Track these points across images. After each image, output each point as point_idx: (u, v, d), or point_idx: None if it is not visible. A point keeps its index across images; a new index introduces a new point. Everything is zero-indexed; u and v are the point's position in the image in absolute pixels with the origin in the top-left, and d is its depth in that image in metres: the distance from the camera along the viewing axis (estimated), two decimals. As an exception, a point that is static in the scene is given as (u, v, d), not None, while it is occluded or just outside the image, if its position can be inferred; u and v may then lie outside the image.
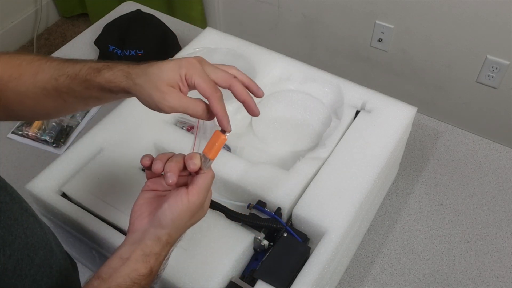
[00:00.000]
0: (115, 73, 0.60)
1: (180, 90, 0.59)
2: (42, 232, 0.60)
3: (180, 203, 0.57)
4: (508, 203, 1.01)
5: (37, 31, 2.64)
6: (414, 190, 1.04)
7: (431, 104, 2.01)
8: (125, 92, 0.60)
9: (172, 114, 0.91)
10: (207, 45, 1.05)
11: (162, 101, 0.57)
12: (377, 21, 1.89)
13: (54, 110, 0.67)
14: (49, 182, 0.82)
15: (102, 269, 0.56)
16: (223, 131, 0.61)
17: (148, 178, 0.62)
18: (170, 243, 0.58)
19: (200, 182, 0.58)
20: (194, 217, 0.59)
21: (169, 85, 0.58)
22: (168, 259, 0.60)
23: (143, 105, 0.67)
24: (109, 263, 0.57)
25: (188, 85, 0.60)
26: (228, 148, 0.91)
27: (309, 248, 0.76)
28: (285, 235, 0.76)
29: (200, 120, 0.61)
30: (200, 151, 0.61)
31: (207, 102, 0.60)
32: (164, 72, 0.59)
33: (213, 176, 0.60)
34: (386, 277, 0.91)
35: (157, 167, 0.58)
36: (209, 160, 0.60)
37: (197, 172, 0.59)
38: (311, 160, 0.85)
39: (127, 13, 1.32)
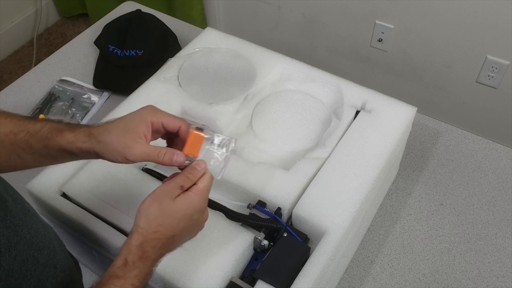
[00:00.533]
0: (77, 135, 0.63)
1: (146, 139, 0.64)
2: (45, 231, 0.60)
3: (149, 194, 0.62)
4: (508, 203, 1.01)
5: (37, 31, 2.64)
6: (414, 190, 1.04)
7: (431, 104, 2.01)
8: (87, 153, 0.63)
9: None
10: (207, 45, 1.05)
11: (128, 154, 0.62)
12: (377, 21, 1.89)
13: (5, 164, 0.65)
14: (49, 182, 0.82)
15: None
16: (200, 129, 0.66)
17: None
18: (139, 232, 0.59)
19: (181, 174, 0.63)
20: (157, 202, 0.61)
21: (134, 137, 0.62)
22: (152, 258, 0.60)
23: (143, 105, 0.68)
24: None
25: (155, 131, 0.65)
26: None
27: (309, 248, 0.76)
28: (285, 235, 0.76)
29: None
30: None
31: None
32: (128, 127, 0.63)
33: (198, 173, 0.63)
34: (386, 277, 0.91)
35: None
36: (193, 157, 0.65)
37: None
38: (311, 160, 0.85)
39: (127, 13, 1.32)
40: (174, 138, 0.68)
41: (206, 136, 0.66)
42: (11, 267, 0.51)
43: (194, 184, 0.63)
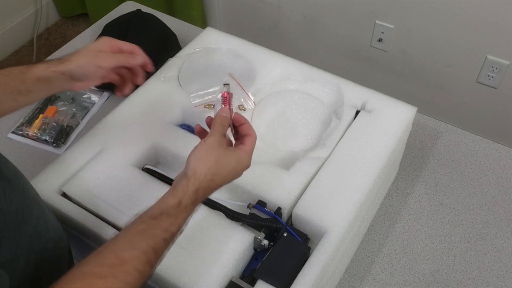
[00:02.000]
0: (49, 63, 0.74)
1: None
2: (35, 193, 0.65)
3: (199, 144, 0.64)
4: (508, 203, 1.01)
5: (37, 31, 2.64)
6: (414, 190, 1.04)
7: (431, 104, 2.01)
8: (61, 75, 0.74)
9: (174, 116, 0.91)
10: (207, 45, 1.05)
11: (99, 60, 0.75)
12: (377, 21, 1.89)
13: None
14: (49, 182, 0.82)
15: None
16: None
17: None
18: (196, 176, 0.61)
19: (212, 125, 0.66)
20: (216, 152, 0.63)
21: (100, 52, 0.77)
22: (198, 202, 0.63)
23: (143, 106, 0.69)
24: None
25: (113, 52, 0.79)
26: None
27: (309, 248, 0.76)
28: (285, 235, 0.76)
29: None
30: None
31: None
32: (92, 48, 0.77)
33: (223, 117, 0.67)
34: (386, 277, 0.91)
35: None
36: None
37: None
38: (311, 160, 0.85)
39: (127, 13, 1.32)
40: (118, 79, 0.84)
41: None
42: (8, 211, 0.54)
43: (242, 144, 0.67)
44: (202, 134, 0.70)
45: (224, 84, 0.70)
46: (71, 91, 0.78)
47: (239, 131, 0.70)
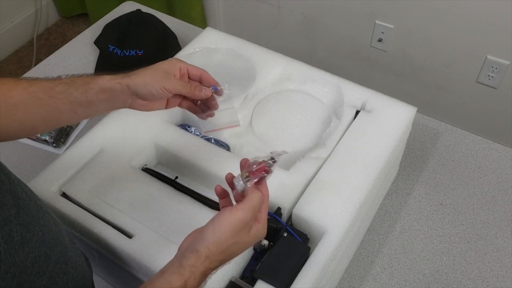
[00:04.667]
0: (114, 76, 0.70)
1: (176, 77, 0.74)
2: (57, 229, 0.60)
3: (222, 216, 0.58)
4: (508, 203, 1.01)
5: (37, 31, 2.64)
6: (414, 190, 1.04)
7: (431, 104, 2.01)
8: (126, 88, 0.69)
9: (174, 116, 0.91)
10: (207, 45, 1.05)
11: (166, 83, 0.70)
12: (377, 21, 1.89)
13: (42, 121, 0.68)
14: (49, 182, 0.82)
15: (144, 283, 0.57)
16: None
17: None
18: (209, 257, 0.57)
19: (247, 198, 0.60)
20: (238, 235, 0.59)
21: (168, 74, 0.72)
22: (206, 281, 0.59)
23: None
24: (151, 277, 0.58)
25: (181, 75, 0.75)
26: (227, 148, 0.91)
27: (309, 248, 0.76)
28: (285, 235, 0.76)
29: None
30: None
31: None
32: (160, 68, 0.72)
33: (261, 196, 0.61)
34: (386, 277, 0.91)
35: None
36: (248, 179, 0.61)
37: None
38: (311, 160, 0.85)
39: (127, 13, 1.32)
40: (194, 106, 0.79)
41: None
42: (24, 263, 0.51)
43: (259, 212, 0.62)
44: (223, 196, 0.64)
45: (273, 157, 0.63)
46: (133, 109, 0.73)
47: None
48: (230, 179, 0.63)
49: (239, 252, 0.61)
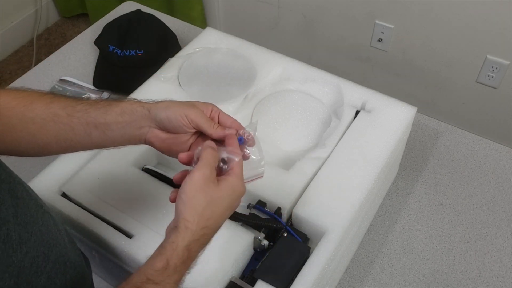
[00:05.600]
0: (137, 100, 0.65)
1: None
2: (56, 229, 0.60)
3: (183, 185, 0.56)
4: (508, 203, 1.01)
5: (37, 31, 2.64)
6: (414, 190, 1.04)
7: (431, 104, 2.01)
8: (147, 113, 0.63)
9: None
10: (207, 45, 1.05)
11: (189, 112, 0.62)
12: (377, 21, 1.89)
13: (55, 140, 0.65)
14: (49, 182, 0.82)
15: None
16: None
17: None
18: (189, 227, 0.53)
19: (200, 158, 0.58)
20: (205, 192, 0.55)
21: (192, 107, 0.64)
22: (196, 258, 0.56)
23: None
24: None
25: (211, 117, 0.65)
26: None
27: (309, 248, 0.76)
28: (285, 235, 0.76)
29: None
30: None
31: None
32: (193, 101, 0.65)
33: (212, 151, 0.58)
34: (386, 277, 0.91)
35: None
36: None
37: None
38: (311, 160, 0.85)
39: (127, 13, 1.32)
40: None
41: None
42: (22, 263, 0.51)
43: (229, 167, 0.59)
44: (188, 162, 0.61)
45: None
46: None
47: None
48: (178, 179, 0.60)
49: (222, 213, 0.57)
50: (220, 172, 0.60)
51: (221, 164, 0.60)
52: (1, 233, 0.48)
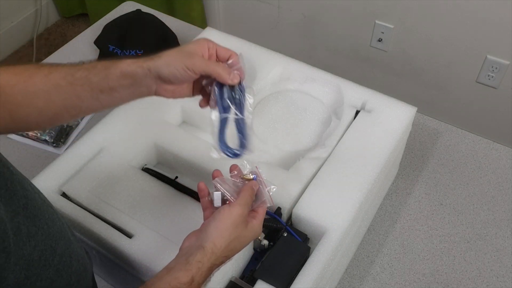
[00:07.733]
0: (136, 59, 0.66)
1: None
2: (60, 222, 0.61)
3: (223, 211, 0.61)
4: (508, 203, 1.01)
5: (37, 31, 2.64)
6: (414, 190, 1.04)
7: (431, 104, 2.01)
8: (148, 71, 0.64)
9: (174, 116, 0.91)
10: (207, 45, 1.05)
11: (189, 63, 0.64)
12: (377, 21, 1.89)
13: (63, 109, 0.66)
14: (49, 182, 0.82)
15: (150, 279, 0.58)
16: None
17: (203, 208, 0.65)
18: (215, 253, 0.58)
19: (242, 195, 0.63)
20: (238, 229, 0.60)
21: (193, 54, 0.65)
22: (212, 274, 0.60)
23: (143, 105, 0.68)
24: (157, 274, 0.58)
25: (209, 55, 0.67)
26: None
27: (309, 248, 0.76)
28: (285, 234, 0.76)
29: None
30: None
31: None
32: (186, 48, 0.66)
33: (252, 193, 0.64)
34: (386, 277, 0.91)
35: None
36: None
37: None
38: (311, 160, 0.85)
39: (127, 13, 1.32)
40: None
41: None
42: (31, 256, 0.51)
43: (255, 212, 0.64)
44: (204, 193, 0.65)
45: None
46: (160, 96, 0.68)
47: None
48: (203, 186, 0.65)
49: (240, 248, 0.62)
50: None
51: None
52: (13, 226, 0.48)
